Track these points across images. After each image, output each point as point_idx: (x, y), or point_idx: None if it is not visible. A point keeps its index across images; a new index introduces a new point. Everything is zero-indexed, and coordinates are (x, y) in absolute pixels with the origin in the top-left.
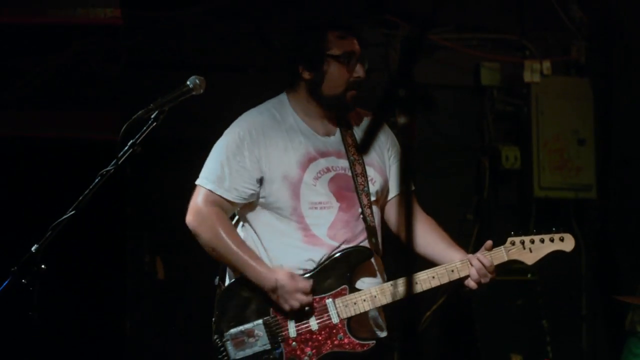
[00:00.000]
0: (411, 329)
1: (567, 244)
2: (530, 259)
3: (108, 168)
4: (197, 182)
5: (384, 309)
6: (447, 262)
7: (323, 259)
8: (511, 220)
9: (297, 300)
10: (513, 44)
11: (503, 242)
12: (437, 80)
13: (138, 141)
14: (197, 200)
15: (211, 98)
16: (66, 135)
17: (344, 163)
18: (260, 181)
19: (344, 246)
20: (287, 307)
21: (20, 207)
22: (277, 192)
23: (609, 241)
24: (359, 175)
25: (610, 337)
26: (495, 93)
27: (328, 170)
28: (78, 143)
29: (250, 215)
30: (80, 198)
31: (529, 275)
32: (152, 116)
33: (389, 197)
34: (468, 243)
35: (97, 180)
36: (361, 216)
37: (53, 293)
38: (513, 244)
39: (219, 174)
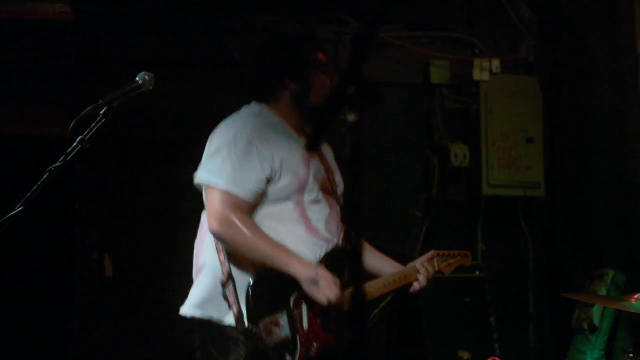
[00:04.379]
0: (359, 327)
1: (467, 259)
2: (448, 269)
3: (56, 164)
4: (208, 181)
5: None
6: (386, 271)
7: (322, 255)
8: (460, 218)
9: (335, 292)
10: (462, 42)
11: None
12: (386, 78)
13: (87, 137)
14: (216, 205)
15: (160, 94)
16: (15, 131)
17: (322, 167)
18: (269, 180)
19: (335, 240)
20: (324, 299)
21: None
22: (287, 189)
23: (556, 239)
24: (332, 181)
25: (557, 334)
26: (445, 91)
27: (320, 171)
28: (27, 139)
29: (256, 212)
30: (29, 194)
31: (477, 273)
32: (101, 112)
33: None
34: (417, 240)
35: (45, 176)
36: (339, 215)
37: None
38: (439, 255)
39: (231, 174)
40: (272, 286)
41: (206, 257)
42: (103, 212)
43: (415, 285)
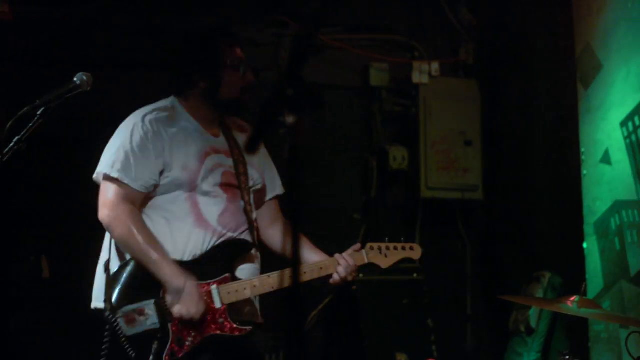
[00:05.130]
0: (297, 329)
1: (415, 252)
2: (385, 263)
3: None
4: (102, 170)
5: (265, 304)
6: (312, 262)
7: (209, 246)
8: (398, 220)
9: (197, 310)
10: (402, 45)
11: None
12: (326, 80)
13: (24, 138)
14: (108, 194)
15: (100, 95)
16: None
17: (230, 162)
18: (161, 172)
19: (229, 234)
20: (184, 311)
21: None
22: (176, 181)
23: (494, 242)
24: (241, 174)
25: (495, 336)
26: (384, 93)
27: (220, 165)
28: None
29: (148, 202)
30: None
31: (415, 275)
32: (39, 113)
33: (264, 200)
34: (355, 242)
35: None
36: (243, 210)
37: None
38: (372, 249)
39: (124, 163)
40: (139, 274)
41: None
42: (40, 214)
43: (335, 277)
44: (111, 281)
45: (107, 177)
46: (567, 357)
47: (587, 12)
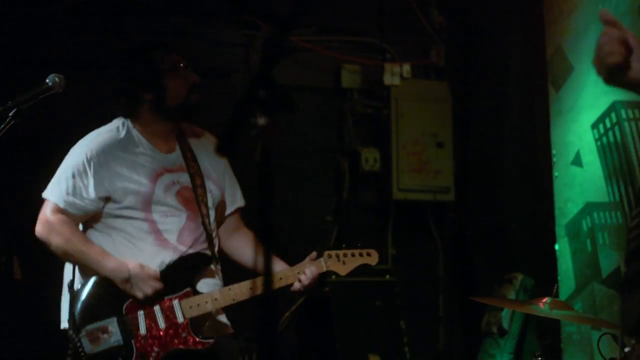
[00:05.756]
0: (269, 330)
1: (372, 258)
2: (343, 270)
3: None
4: (44, 194)
5: (237, 306)
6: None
7: (170, 263)
8: (370, 222)
9: (150, 286)
10: (373, 47)
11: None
12: (297, 82)
13: None
14: (45, 212)
15: (71, 97)
16: None
17: (186, 177)
18: (107, 199)
19: (190, 250)
20: (140, 294)
21: None
22: (130, 206)
23: (466, 243)
24: (198, 187)
25: (467, 338)
26: (356, 95)
27: (174, 183)
28: None
29: (102, 224)
30: None
31: (387, 277)
32: (10, 114)
33: (227, 213)
34: (327, 244)
35: None
36: (201, 224)
37: None
38: (330, 256)
39: (64, 189)
40: (100, 291)
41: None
42: (11, 215)
43: (296, 285)
44: (74, 300)
45: (46, 199)
46: (540, 358)
47: (558, 14)
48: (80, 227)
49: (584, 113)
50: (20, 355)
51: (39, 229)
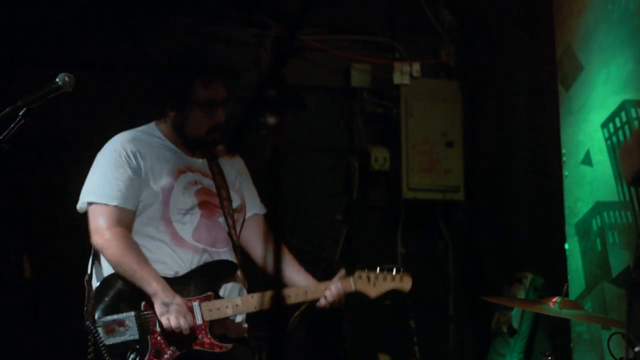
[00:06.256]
0: (279, 330)
1: (405, 283)
2: (373, 292)
3: None
4: (88, 199)
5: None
6: (296, 284)
7: (193, 264)
8: (380, 221)
9: (181, 324)
10: (383, 46)
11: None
12: (307, 81)
13: (5, 139)
14: (99, 221)
15: (80, 96)
16: None
17: (209, 182)
18: (141, 190)
19: (209, 249)
20: (173, 322)
21: None
22: (150, 199)
23: (475, 242)
24: (224, 200)
25: (477, 337)
26: (365, 94)
27: (195, 183)
28: None
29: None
30: None
31: None
32: (20, 114)
33: (244, 218)
34: (337, 244)
35: None
36: (227, 234)
37: None
38: (360, 277)
39: (108, 188)
40: (121, 287)
41: None
42: (22, 214)
43: (322, 302)
44: (92, 297)
45: (93, 204)
46: (550, 357)
47: (568, 13)
48: None
49: (594, 112)
50: (30, 353)
51: (96, 240)
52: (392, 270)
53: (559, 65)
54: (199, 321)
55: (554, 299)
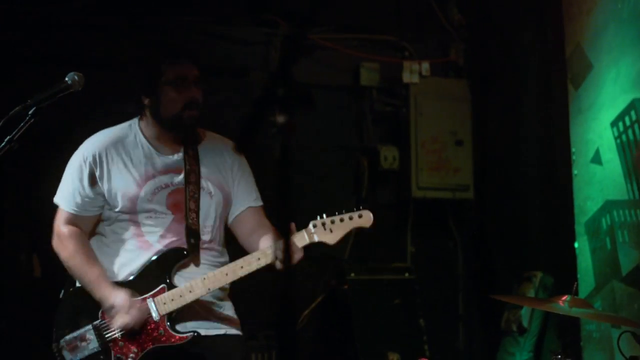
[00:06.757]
0: (288, 328)
1: (365, 220)
2: (331, 239)
3: None
4: (55, 200)
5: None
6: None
7: (143, 268)
8: (389, 220)
9: (124, 319)
10: (392, 45)
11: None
12: (316, 80)
13: (15, 138)
14: (57, 221)
15: (89, 94)
16: None
17: (181, 178)
18: (104, 198)
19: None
20: (120, 324)
21: None
22: (117, 206)
23: (485, 241)
24: (191, 183)
25: (486, 336)
26: (375, 93)
27: (166, 186)
28: None
29: (99, 227)
30: None
31: (407, 275)
32: (30, 112)
33: (237, 213)
34: (346, 242)
35: None
36: (184, 217)
37: None
38: (315, 226)
39: (70, 192)
40: (78, 301)
41: None
42: (32, 213)
43: (277, 264)
44: (56, 312)
45: (58, 205)
46: (560, 356)
47: (577, 12)
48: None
49: (603, 111)
50: (41, 351)
51: (53, 240)
52: (350, 211)
53: (569, 64)
54: (156, 317)
55: (564, 298)
